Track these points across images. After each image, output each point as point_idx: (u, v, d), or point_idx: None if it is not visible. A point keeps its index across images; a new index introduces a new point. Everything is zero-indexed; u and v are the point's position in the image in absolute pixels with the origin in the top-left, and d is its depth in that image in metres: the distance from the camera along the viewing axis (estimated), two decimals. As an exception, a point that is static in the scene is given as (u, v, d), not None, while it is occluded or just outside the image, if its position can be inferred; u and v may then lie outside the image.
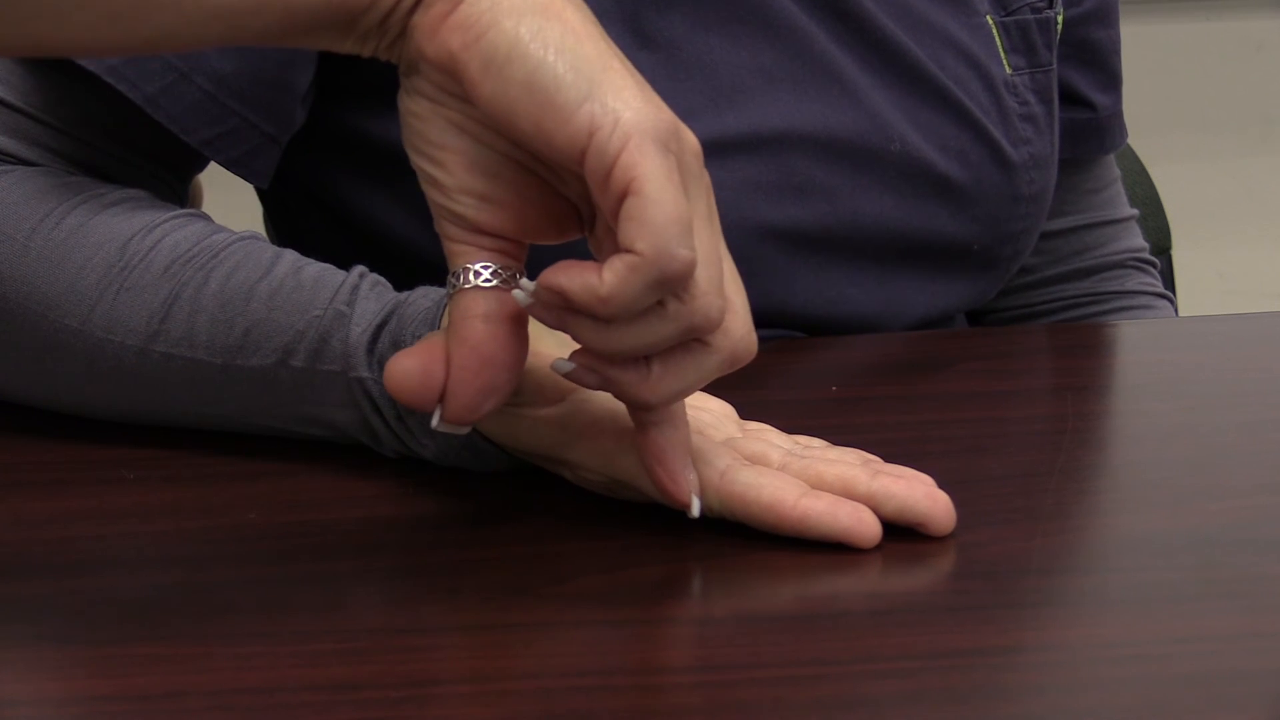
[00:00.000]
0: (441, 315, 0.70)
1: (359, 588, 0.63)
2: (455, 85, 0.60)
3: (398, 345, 0.71)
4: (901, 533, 0.64)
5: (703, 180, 0.60)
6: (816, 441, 0.70)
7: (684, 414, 0.64)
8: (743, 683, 0.55)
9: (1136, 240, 1.15)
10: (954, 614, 0.59)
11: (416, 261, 0.89)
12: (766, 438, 0.69)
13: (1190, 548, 0.64)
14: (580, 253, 0.64)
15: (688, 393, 0.62)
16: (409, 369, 0.61)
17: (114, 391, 0.76)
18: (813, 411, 0.79)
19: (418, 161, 0.62)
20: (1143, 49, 2.18)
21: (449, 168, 0.61)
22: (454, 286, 0.62)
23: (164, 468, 0.73)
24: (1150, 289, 1.14)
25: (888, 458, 0.68)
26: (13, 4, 0.57)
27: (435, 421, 0.62)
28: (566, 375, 0.62)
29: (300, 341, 0.73)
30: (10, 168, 0.79)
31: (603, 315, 0.58)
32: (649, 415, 0.63)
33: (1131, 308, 1.13)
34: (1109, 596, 0.60)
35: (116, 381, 0.75)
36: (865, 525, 0.63)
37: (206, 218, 0.79)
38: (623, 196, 0.57)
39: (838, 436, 0.70)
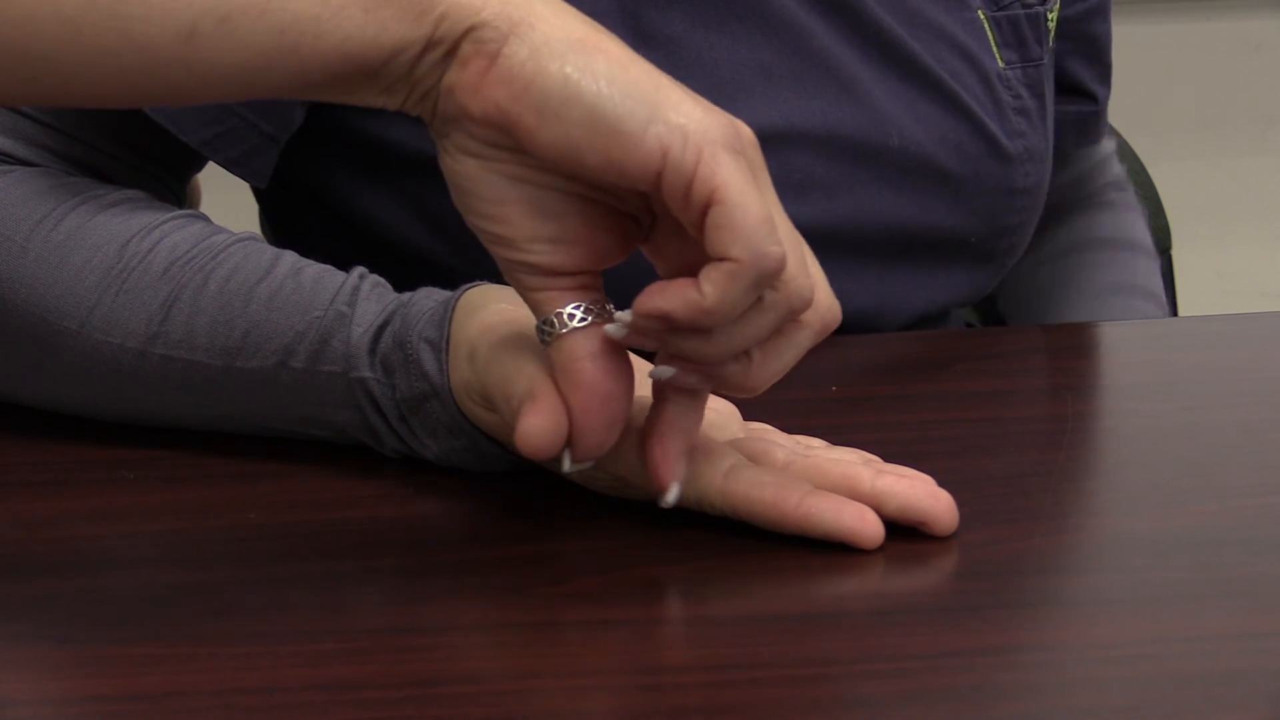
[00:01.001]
0: (449, 315, 0.70)
1: (359, 588, 0.63)
2: (506, 138, 0.60)
3: (401, 346, 0.71)
4: (901, 533, 0.64)
5: (765, 168, 0.61)
6: (817, 442, 0.70)
7: (704, 402, 0.64)
8: (743, 683, 0.55)
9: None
10: (954, 614, 0.59)
11: (417, 261, 0.89)
12: (769, 437, 0.69)
13: (1189, 548, 0.64)
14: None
15: (786, 369, 0.63)
16: (542, 427, 0.61)
17: (113, 393, 0.76)
18: (813, 411, 0.79)
19: (477, 223, 0.62)
20: (1143, 49, 2.18)
21: (513, 221, 0.61)
22: (550, 334, 0.62)
23: (164, 468, 0.73)
24: (1118, 181, 1.14)
25: (888, 458, 0.68)
26: (24, 63, 0.58)
27: (566, 466, 0.63)
28: (668, 381, 0.62)
29: (300, 343, 0.73)
30: (9, 168, 0.79)
31: (707, 325, 0.59)
32: (672, 392, 0.63)
33: (1098, 197, 1.13)
34: (1108, 596, 0.60)
35: (115, 383, 0.75)
36: (869, 526, 0.63)
37: (205, 219, 0.79)
38: (706, 207, 0.58)
39: (838, 436, 0.70)
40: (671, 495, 0.63)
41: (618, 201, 0.62)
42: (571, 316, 0.62)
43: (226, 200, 1.18)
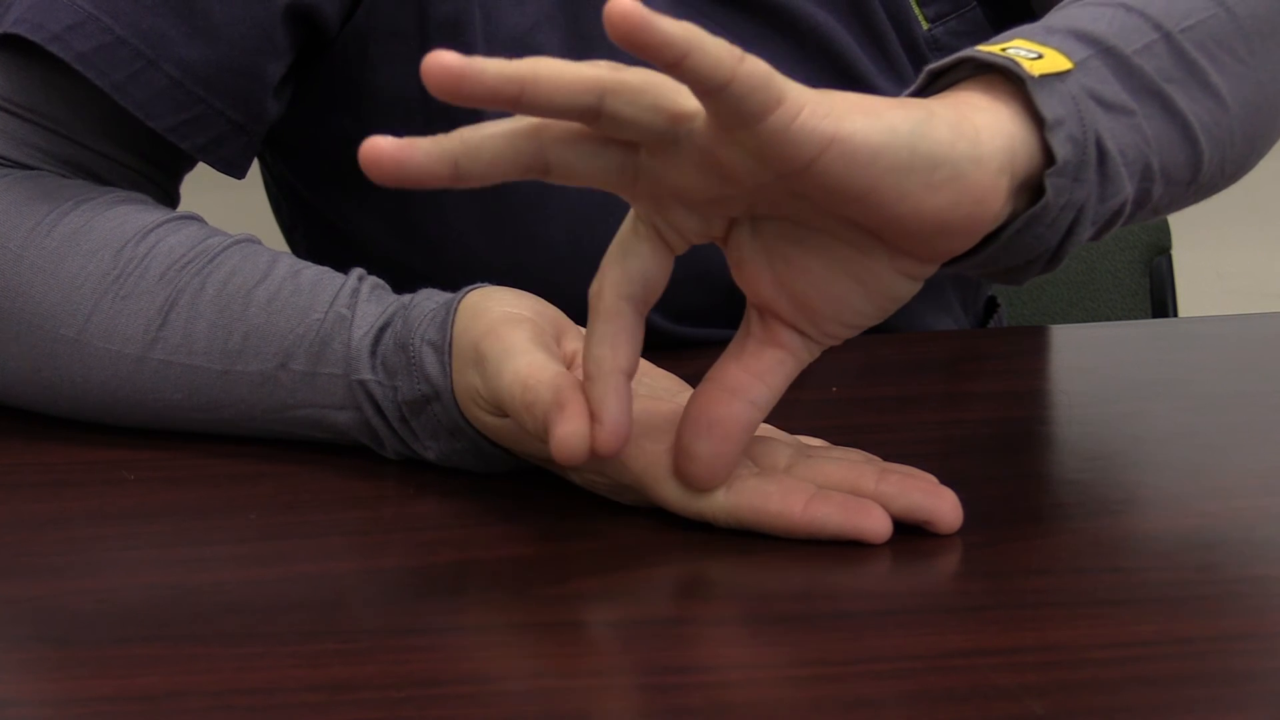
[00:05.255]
0: (451, 318, 0.70)
1: (359, 588, 0.63)
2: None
3: (403, 348, 0.71)
4: (901, 533, 0.64)
5: None
6: (817, 441, 0.70)
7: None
8: (743, 683, 0.55)
9: None
10: (954, 614, 0.59)
11: (405, 272, 0.89)
12: (772, 439, 0.69)
13: (1190, 548, 0.64)
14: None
15: None
16: (576, 434, 0.62)
17: (111, 399, 0.76)
18: (813, 411, 0.79)
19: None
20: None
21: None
22: None
23: (164, 469, 0.74)
24: None
25: (888, 458, 0.67)
26: None
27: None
28: None
29: (300, 346, 0.73)
30: (5, 172, 0.79)
31: None
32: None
33: None
34: (1109, 596, 0.60)
35: (114, 389, 0.75)
36: (874, 519, 0.63)
37: (200, 220, 0.79)
38: None
39: (838, 437, 0.70)
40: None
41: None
42: None
43: (229, 200, 1.18)
